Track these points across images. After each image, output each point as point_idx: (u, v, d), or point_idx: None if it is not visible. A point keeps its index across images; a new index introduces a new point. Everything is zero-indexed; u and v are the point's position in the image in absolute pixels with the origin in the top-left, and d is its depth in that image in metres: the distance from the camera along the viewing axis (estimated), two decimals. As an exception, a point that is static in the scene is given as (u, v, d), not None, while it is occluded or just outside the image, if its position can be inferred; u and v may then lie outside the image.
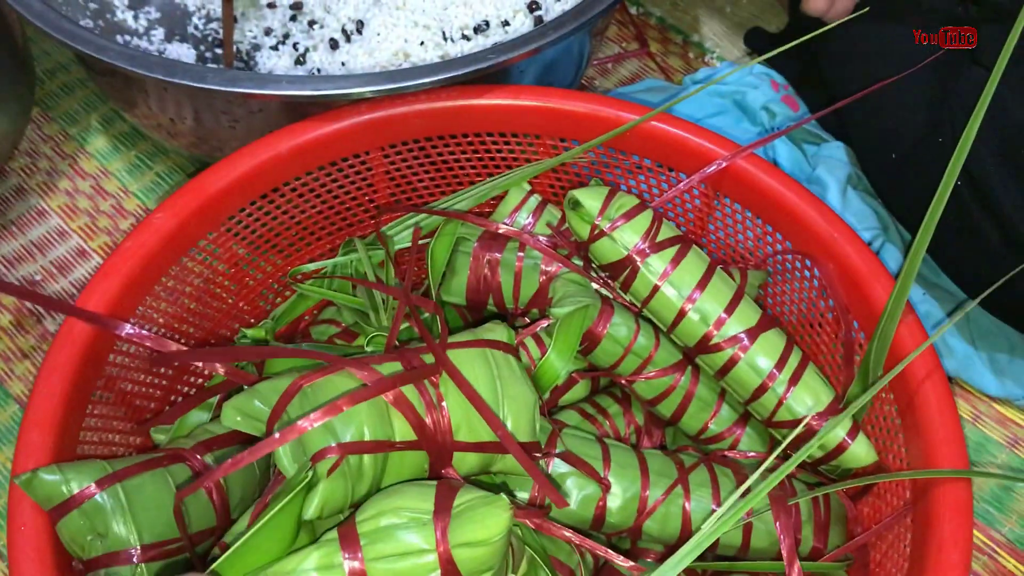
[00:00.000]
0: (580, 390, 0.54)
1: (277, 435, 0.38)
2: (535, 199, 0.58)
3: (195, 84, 0.53)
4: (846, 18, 0.54)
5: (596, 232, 0.48)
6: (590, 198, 0.48)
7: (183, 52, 0.75)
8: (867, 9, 0.54)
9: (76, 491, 0.40)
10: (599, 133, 0.55)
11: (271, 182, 0.54)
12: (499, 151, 0.58)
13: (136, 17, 0.76)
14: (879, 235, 0.62)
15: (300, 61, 0.71)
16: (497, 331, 0.48)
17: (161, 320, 0.50)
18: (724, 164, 0.52)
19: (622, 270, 0.48)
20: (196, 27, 0.77)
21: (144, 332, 0.45)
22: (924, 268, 0.64)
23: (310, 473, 0.39)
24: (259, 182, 0.53)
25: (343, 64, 0.68)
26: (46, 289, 0.66)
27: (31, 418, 0.43)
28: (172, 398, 0.53)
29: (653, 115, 0.53)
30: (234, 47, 0.74)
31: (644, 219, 0.48)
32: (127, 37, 0.75)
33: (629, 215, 0.48)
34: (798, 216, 0.51)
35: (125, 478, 0.41)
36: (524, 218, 0.57)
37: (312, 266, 0.58)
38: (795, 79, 0.73)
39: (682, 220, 0.56)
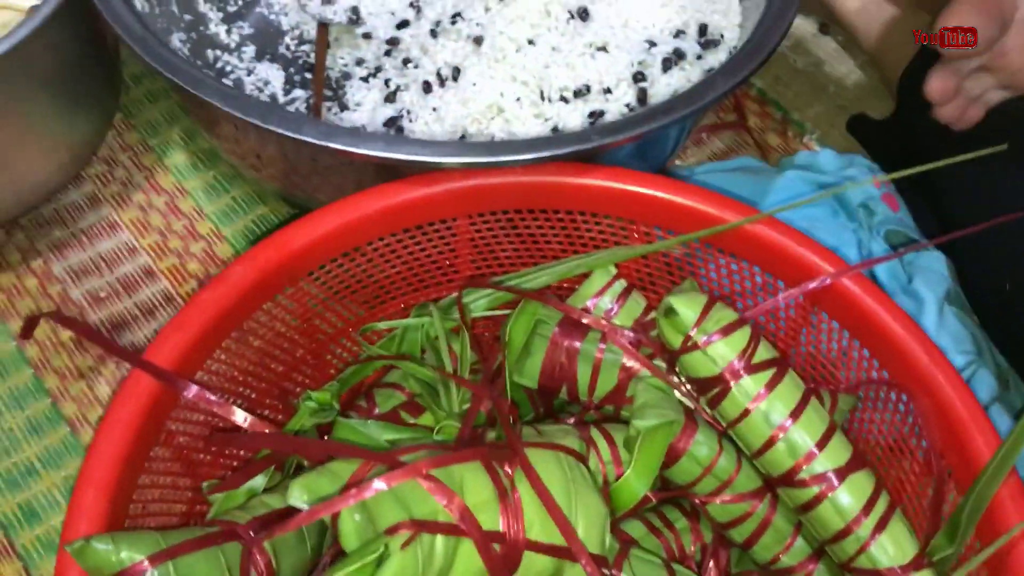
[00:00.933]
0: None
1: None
2: (620, 284, 0.55)
3: (290, 134, 0.51)
4: (968, 156, 0.51)
5: (689, 344, 0.46)
6: (687, 307, 0.46)
7: (272, 73, 0.74)
8: (1005, 146, 0.51)
9: (127, 565, 0.38)
10: (697, 227, 0.53)
11: (355, 241, 0.52)
12: (588, 230, 0.56)
13: (229, 31, 0.75)
14: (974, 360, 0.58)
15: (390, 99, 0.70)
16: (569, 439, 0.46)
17: (226, 373, 0.48)
18: (828, 281, 0.49)
19: (711, 387, 0.46)
20: (288, 47, 0.76)
21: (210, 397, 0.44)
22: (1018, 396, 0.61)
23: (381, 547, 0.37)
24: (343, 241, 0.52)
25: (434, 110, 0.67)
26: (109, 308, 0.65)
27: (88, 478, 0.41)
28: (227, 450, 0.51)
29: (757, 219, 0.51)
30: (325, 72, 0.73)
31: (741, 336, 0.46)
32: (217, 52, 0.74)
33: (726, 331, 0.46)
34: (900, 347, 0.48)
35: (178, 555, 0.39)
36: (607, 303, 0.55)
37: (383, 324, 0.57)
38: (899, 180, 0.70)
39: (773, 327, 0.54)
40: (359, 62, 0.74)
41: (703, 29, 0.66)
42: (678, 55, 0.64)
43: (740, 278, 0.54)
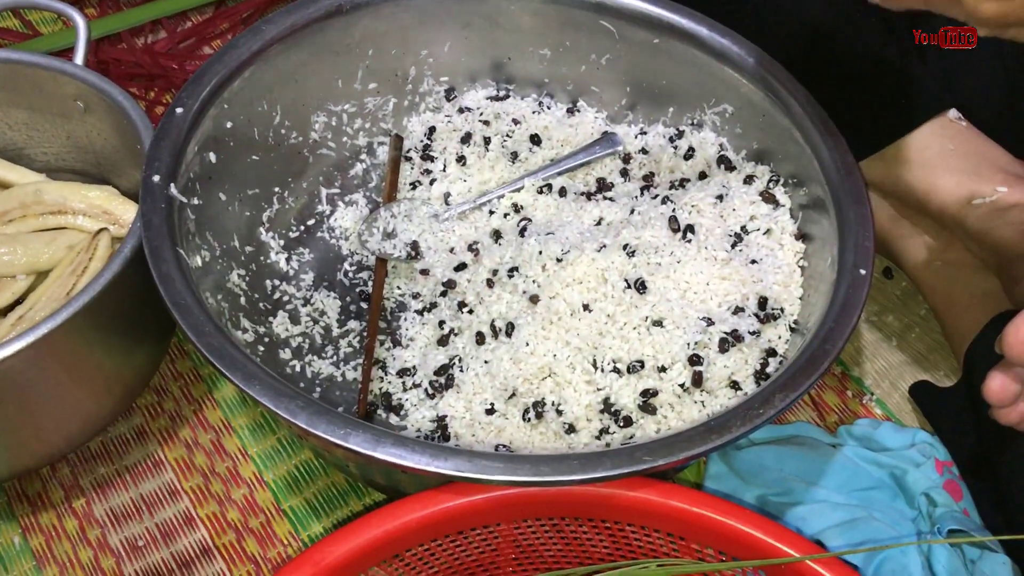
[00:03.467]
0: None
1: None
2: (667, 597, 0.53)
3: (335, 440, 0.51)
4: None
5: None
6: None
7: (328, 303, 0.74)
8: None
9: None
10: (751, 554, 0.51)
11: (393, 550, 0.51)
12: (637, 539, 0.54)
13: (289, 259, 0.76)
14: None
15: (443, 342, 0.69)
16: None
17: None
18: (887, 636, 0.47)
19: None
20: (346, 273, 0.77)
21: None
22: None
23: None
24: (381, 552, 0.50)
25: (486, 363, 0.66)
26: (146, 558, 0.64)
27: None
28: None
29: (818, 557, 0.49)
30: (380, 310, 0.73)
31: None
32: (275, 281, 0.74)
33: None
34: None
35: None
36: (651, 615, 0.53)
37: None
38: (963, 459, 0.67)
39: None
40: (415, 296, 0.74)
41: (763, 303, 0.65)
42: (735, 337, 0.62)
43: (794, 608, 0.51)
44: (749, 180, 0.72)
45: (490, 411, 0.65)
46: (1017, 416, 0.59)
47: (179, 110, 0.66)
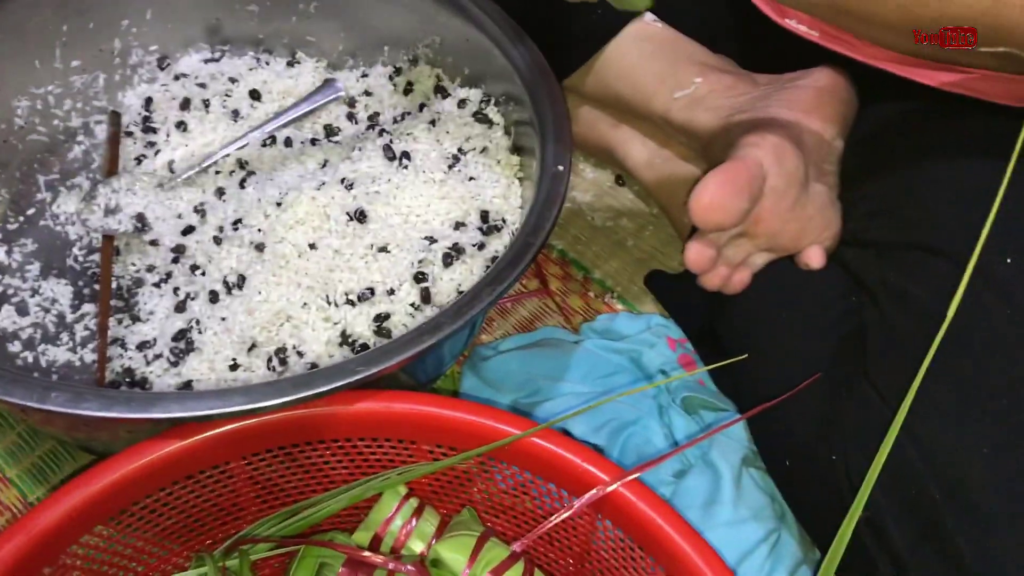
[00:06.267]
0: None
1: None
2: (412, 503, 0.54)
3: (32, 404, 0.49)
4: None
5: (461, 590, 0.45)
6: (455, 552, 0.45)
7: (59, 290, 0.71)
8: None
9: None
10: (478, 442, 0.52)
11: (119, 505, 0.50)
12: (372, 454, 0.55)
13: (10, 252, 0.73)
14: (775, 529, 0.59)
15: (180, 308, 0.68)
16: None
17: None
18: (605, 491, 0.49)
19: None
20: (76, 258, 0.74)
21: None
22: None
23: None
24: (103, 506, 0.49)
25: (223, 319, 0.65)
26: None
27: None
28: None
29: (535, 431, 0.51)
30: (113, 283, 0.71)
31: (515, 573, 0.45)
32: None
33: (498, 571, 0.45)
34: (679, 553, 0.48)
35: None
36: (399, 524, 0.54)
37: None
38: (695, 334, 0.71)
39: (567, 539, 0.53)
40: (150, 269, 0.72)
41: (484, 216, 0.67)
42: (457, 250, 0.64)
43: (527, 488, 0.53)
44: (462, 104, 0.74)
45: (234, 367, 0.64)
46: (719, 279, 0.64)
47: None
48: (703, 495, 0.60)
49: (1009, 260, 0.54)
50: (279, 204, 0.66)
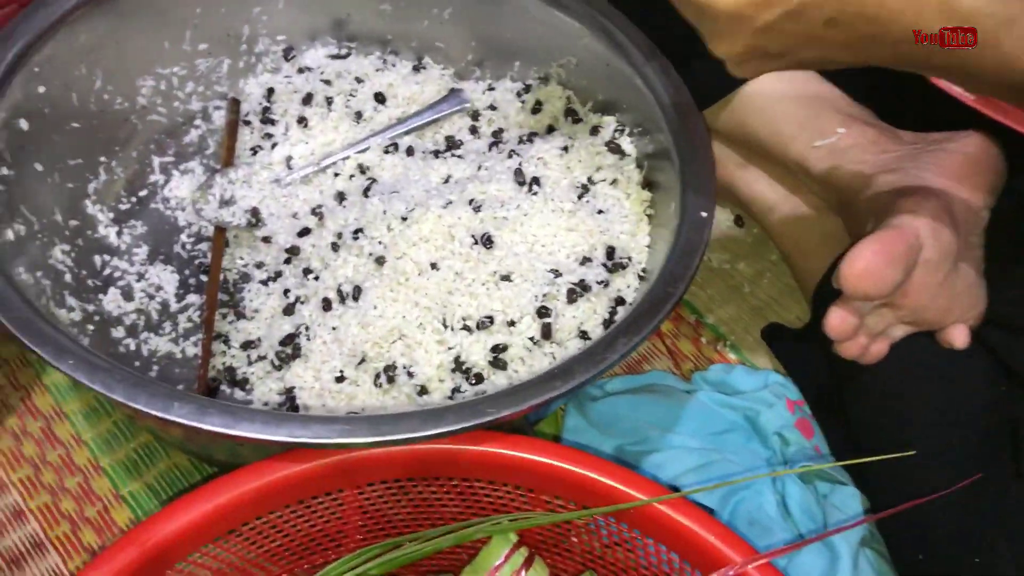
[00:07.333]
0: None
1: None
2: (522, 553, 0.52)
3: (155, 413, 0.47)
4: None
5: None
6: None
7: (165, 277, 0.70)
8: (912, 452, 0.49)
9: None
10: (601, 500, 0.50)
11: (228, 526, 0.48)
12: (487, 496, 0.52)
13: (120, 233, 0.71)
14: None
15: (288, 311, 0.66)
16: None
17: None
18: (734, 571, 0.47)
19: None
20: (184, 245, 0.73)
21: None
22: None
23: None
24: (214, 528, 0.48)
25: (334, 329, 0.63)
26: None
27: None
28: None
29: (666, 499, 0.48)
30: (221, 276, 0.69)
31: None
32: (106, 257, 0.70)
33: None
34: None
35: None
36: (507, 573, 0.52)
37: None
38: (813, 397, 0.68)
39: (681, 608, 0.51)
40: (259, 265, 0.70)
41: (611, 252, 0.64)
42: (583, 287, 0.61)
43: (644, 554, 0.51)
44: (595, 131, 0.71)
45: (340, 379, 0.62)
46: (858, 349, 0.61)
47: (-21, 77, 0.61)
48: (819, 574, 0.57)
49: None
50: (404, 219, 0.64)
